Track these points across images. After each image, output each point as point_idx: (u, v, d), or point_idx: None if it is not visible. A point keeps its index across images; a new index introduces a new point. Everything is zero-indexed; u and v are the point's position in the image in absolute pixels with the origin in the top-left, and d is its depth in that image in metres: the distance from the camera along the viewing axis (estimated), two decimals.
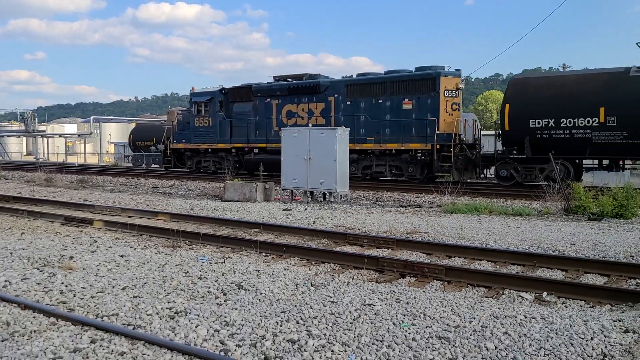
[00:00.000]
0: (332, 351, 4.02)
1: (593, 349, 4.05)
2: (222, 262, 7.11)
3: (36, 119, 58.59)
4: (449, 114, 18.37)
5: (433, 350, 4.03)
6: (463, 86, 18.98)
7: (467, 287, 6.14)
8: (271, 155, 21.19)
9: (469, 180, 18.80)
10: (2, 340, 4.25)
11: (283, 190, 15.86)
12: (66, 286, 5.82)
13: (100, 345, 4.12)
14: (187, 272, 6.53)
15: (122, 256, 7.40)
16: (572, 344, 4.13)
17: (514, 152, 16.73)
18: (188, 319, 4.77)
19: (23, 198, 14.60)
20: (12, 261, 7.06)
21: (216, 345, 4.17)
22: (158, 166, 31.52)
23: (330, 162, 14.07)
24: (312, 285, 5.96)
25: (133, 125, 46.70)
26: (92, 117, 60.04)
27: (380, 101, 19.61)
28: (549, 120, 15.63)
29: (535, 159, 16.15)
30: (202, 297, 5.49)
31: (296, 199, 15.43)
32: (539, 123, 15.82)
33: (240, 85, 23.77)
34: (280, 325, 4.59)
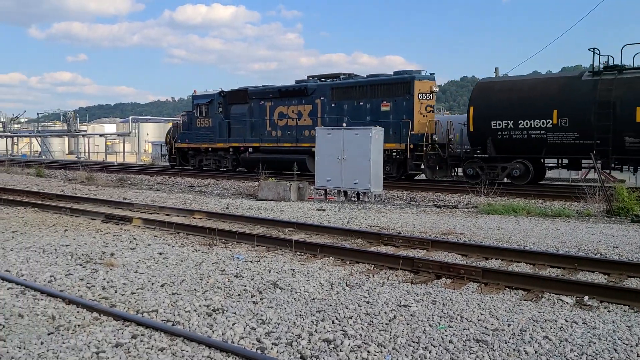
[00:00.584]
0: (368, 352, 4.02)
1: (638, 355, 3.93)
2: (257, 261, 7.19)
3: (78, 119, 60.35)
4: (423, 116, 19.46)
5: (471, 354, 3.98)
6: (437, 89, 20.16)
7: (505, 289, 6.03)
8: (264, 154, 23.01)
9: (444, 178, 19.72)
10: (49, 334, 4.40)
11: (317, 189, 15.91)
12: (108, 282, 5.99)
13: (141, 341, 4.23)
14: (224, 270, 6.63)
15: (160, 254, 7.56)
16: (615, 350, 4.01)
17: (478, 151, 17.89)
18: (225, 316, 4.84)
19: (66, 196, 15.08)
20: (57, 257, 7.31)
21: (253, 343, 4.22)
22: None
23: (364, 162, 14.03)
24: (347, 285, 5.96)
25: (169, 125, 47.61)
26: (130, 117, 61.42)
27: (361, 103, 20.79)
28: (509, 121, 16.63)
29: (498, 158, 17.25)
30: (239, 295, 5.57)
31: (330, 198, 15.45)
32: (499, 124, 16.83)
33: (238, 88, 25.04)
34: (316, 325, 4.61)
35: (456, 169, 19.85)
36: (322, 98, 21.91)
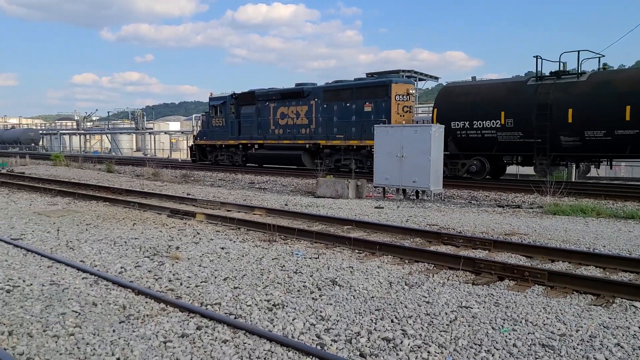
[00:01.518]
0: (429, 352, 3.97)
1: None
2: (316, 258, 7.25)
3: (145, 117, 62.97)
4: (401, 115, 21.29)
5: (536, 359, 3.85)
6: (413, 91, 22.06)
7: (573, 293, 5.78)
8: (268, 150, 25.87)
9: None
10: (120, 322, 4.64)
11: (375, 187, 15.84)
12: (174, 275, 6.23)
13: (205, 332, 4.38)
14: (283, 266, 6.73)
15: (222, 248, 7.78)
16: None
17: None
18: (285, 311, 4.92)
19: (134, 191, 15.78)
20: (126, 250, 7.67)
21: (312, 339, 4.27)
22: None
23: (423, 160, 13.84)
24: (406, 284, 5.91)
25: None
26: (193, 115, 63.24)
27: (348, 104, 22.77)
28: (465, 122, 18.43)
29: (459, 155, 19.09)
30: (298, 291, 5.64)
31: (388, 196, 15.34)
32: (458, 125, 18.63)
33: (247, 91, 27.52)
34: (375, 323, 4.61)
35: None
36: (316, 99, 23.91)
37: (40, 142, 65.32)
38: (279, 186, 19.11)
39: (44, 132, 70.42)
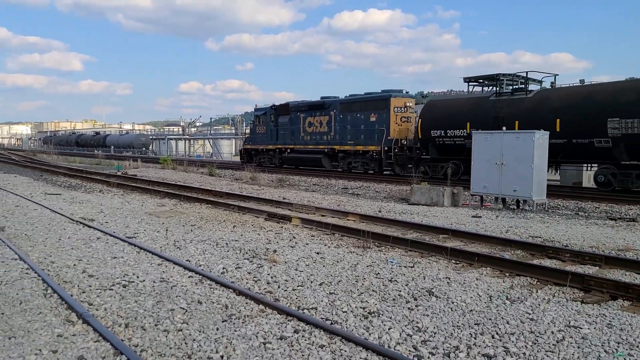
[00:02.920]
0: None
1: None
2: (411, 267, 7.15)
3: (244, 123, 65.61)
4: (399, 125, 24.52)
5: None
6: (410, 104, 25.19)
7: None
8: (297, 153, 29.82)
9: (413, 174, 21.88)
10: (223, 321, 4.87)
11: (472, 195, 15.33)
12: (272, 277, 6.43)
13: (303, 336, 4.47)
14: (378, 273, 6.71)
15: (317, 253, 7.91)
16: None
17: (424, 154, 23.07)
18: (381, 320, 4.90)
19: (234, 194, 16.50)
20: (228, 251, 8.04)
21: (409, 350, 4.21)
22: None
23: (525, 168, 13.17)
24: (507, 299, 5.66)
25: None
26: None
27: (358, 115, 26.24)
28: (442, 131, 21.45)
29: (438, 159, 22.12)
30: (393, 299, 5.60)
31: (486, 205, 14.77)
32: (436, 133, 21.69)
33: (284, 103, 31.90)
34: (475, 338, 4.46)
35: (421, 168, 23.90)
36: (334, 111, 27.54)
37: (150, 147, 70.27)
38: (372, 192, 19.08)
39: (154, 137, 75.67)
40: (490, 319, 4.96)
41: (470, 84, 23.44)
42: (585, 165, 19.75)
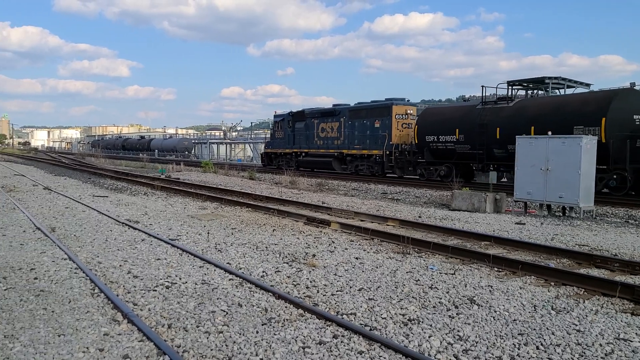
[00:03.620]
0: None
1: None
2: (452, 274, 7.04)
3: None
4: (400, 131, 26.38)
5: None
6: (411, 111, 26.91)
7: None
8: (310, 157, 32.04)
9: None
10: (262, 324, 4.91)
11: (515, 202, 14.96)
12: (311, 282, 6.45)
13: (342, 342, 4.46)
14: (418, 280, 6.64)
15: (357, 258, 7.88)
16: None
17: (419, 157, 24.83)
18: (421, 327, 4.84)
19: (273, 198, 16.65)
20: (267, 255, 8.12)
21: (450, 359, 4.14)
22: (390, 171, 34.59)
23: (572, 174, 12.78)
24: (552, 309, 5.50)
25: None
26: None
27: (365, 121, 28.13)
28: (434, 136, 23.17)
29: (433, 162, 23.83)
30: (434, 307, 5.52)
31: (530, 212, 14.39)
32: (430, 138, 23.41)
33: (300, 110, 33.96)
34: (518, 348, 4.35)
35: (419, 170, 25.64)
36: (344, 117, 29.45)
37: (193, 151, 71.78)
38: (412, 197, 18.89)
39: (196, 141, 77.28)
40: (534, 329, 4.82)
41: (513, 87, 23.04)
42: None
